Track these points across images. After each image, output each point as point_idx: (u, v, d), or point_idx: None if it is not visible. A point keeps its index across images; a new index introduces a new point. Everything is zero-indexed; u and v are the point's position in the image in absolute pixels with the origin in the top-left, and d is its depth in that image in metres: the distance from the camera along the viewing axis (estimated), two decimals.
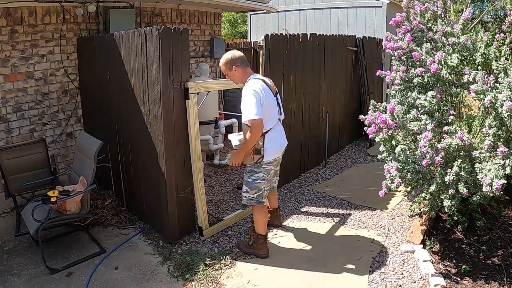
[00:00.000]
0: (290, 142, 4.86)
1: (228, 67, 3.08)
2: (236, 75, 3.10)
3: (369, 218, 3.91)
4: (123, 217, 3.93)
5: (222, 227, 3.71)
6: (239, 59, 3.08)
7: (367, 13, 8.20)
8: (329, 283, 2.92)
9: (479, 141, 3.25)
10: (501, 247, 3.12)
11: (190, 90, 3.30)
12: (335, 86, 5.94)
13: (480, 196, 2.77)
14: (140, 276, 3.02)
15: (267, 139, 3.06)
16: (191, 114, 3.33)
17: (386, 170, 3.11)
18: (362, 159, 5.92)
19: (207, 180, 4.86)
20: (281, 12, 9.17)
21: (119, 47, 3.62)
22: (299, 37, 4.83)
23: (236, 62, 3.07)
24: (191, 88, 3.31)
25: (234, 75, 3.11)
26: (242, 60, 3.09)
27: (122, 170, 4.03)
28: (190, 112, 3.32)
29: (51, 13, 4.31)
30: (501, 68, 3.04)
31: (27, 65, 4.20)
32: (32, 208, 3.05)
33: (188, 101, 3.30)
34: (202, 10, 6.14)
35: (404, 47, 3.27)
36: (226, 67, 3.10)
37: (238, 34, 20.24)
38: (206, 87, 3.60)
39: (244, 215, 3.90)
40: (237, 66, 3.07)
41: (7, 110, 4.10)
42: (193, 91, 3.32)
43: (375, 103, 3.29)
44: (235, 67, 3.07)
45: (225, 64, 3.09)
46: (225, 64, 3.09)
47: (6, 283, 2.91)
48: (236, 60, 3.07)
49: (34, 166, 3.70)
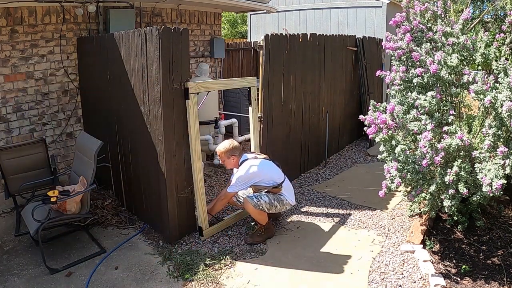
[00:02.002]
0: (290, 142, 4.90)
1: (227, 155, 3.48)
2: (232, 163, 3.51)
3: (369, 218, 3.91)
4: (123, 217, 3.93)
5: (222, 227, 3.71)
6: (238, 149, 3.51)
7: (367, 13, 8.20)
8: (329, 283, 2.93)
9: (479, 141, 3.25)
10: (501, 247, 3.12)
11: (190, 90, 3.30)
12: (335, 86, 5.94)
13: (480, 196, 2.77)
14: (140, 276, 3.02)
15: (284, 186, 3.51)
16: (191, 114, 3.33)
17: (386, 170, 3.11)
18: (362, 159, 5.92)
19: (207, 180, 4.86)
20: (281, 12, 9.17)
21: (119, 47, 3.62)
22: (299, 37, 4.83)
23: (235, 152, 3.49)
24: (191, 88, 3.31)
25: (230, 163, 3.52)
26: (240, 151, 3.53)
27: (122, 170, 4.03)
28: (190, 112, 3.32)
29: (51, 13, 4.31)
30: (501, 68, 3.04)
31: (27, 65, 4.20)
32: (32, 208, 3.05)
33: (188, 101, 3.31)
34: (202, 10, 6.14)
35: (404, 47, 3.26)
36: (225, 155, 3.48)
37: (238, 34, 20.23)
38: (206, 87, 3.60)
39: (244, 215, 3.90)
40: (235, 156, 3.49)
41: (7, 110, 4.10)
42: (193, 91, 3.32)
43: (375, 103, 3.29)
44: (233, 157, 3.48)
45: (224, 153, 3.47)
46: (225, 152, 3.47)
47: (6, 283, 2.91)
48: (235, 150, 3.49)
49: (34, 166, 3.70)
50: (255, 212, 3.39)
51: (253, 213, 3.43)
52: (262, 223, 3.49)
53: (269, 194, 3.43)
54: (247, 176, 3.38)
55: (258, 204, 3.36)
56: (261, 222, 3.49)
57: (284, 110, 4.65)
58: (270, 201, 3.39)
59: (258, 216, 3.44)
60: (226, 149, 3.48)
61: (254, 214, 3.44)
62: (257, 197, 3.37)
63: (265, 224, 3.49)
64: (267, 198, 3.39)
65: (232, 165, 3.53)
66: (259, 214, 3.42)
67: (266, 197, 3.39)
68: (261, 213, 3.43)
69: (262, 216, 3.44)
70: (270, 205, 3.40)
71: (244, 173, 3.38)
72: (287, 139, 4.79)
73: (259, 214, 3.42)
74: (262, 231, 3.50)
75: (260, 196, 3.38)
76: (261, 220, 3.47)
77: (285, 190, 3.50)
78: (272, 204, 3.40)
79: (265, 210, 3.41)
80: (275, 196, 3.44)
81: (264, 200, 3.38)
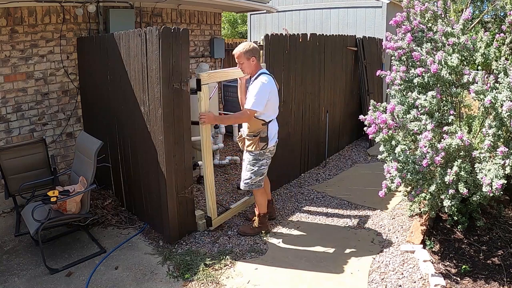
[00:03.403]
0: (290, 142, 4.90)
1: (248, 56, 3.20)
2: (252, 66, 3.24)
3: (369, 218, 3.91)
4: (123, 217, 3.93)
5: (229, 215, 3.83)
6: (258, 50, 3.24)
7: (367, 13, 8.19)
8: (329, 283, 2.92)
9: (479, 141, 3.25)
10: (501, 247, 3.12)
11: (202, 81, 3.31)
12: (335, 86, 5.94)
13: (480, 196, 2.77)
14: (140, 276, 3.02)
15: (270, 127, 3.35)
16: (202, 106, 3.35)
17: (386, 170, 3.11)
18: (362, 159, 5.92)
19: None
20: (281, 12, 9.16)
21: (119, 47, 3.62)
22: (299, 37, 4.83)
23: (256, 53, 3.23)
24: (203, 79, 3.32)
25: (249, 66, 3.24)
26: (259, 53, 3.27)
27: (122, 170, 4.03)
28: (202, 104, 3.35)
29: (51, 13, 4.31)
30: (501, 68, 3.04)
31: (27, 65, 4.20)
32: (32, 208, 3.05)
33: (200, 92, 3.32)
34: (202, 10, 6.14)
35: (404, 47, 3.26)
36: (245, 56, 3.20)
37: (238, 34, 20.22)
38: (218, 77, 3.67)
39: (251, 201, 4.05)
40: (256, 57, 3.23)
41: (7, 110, 4.10)
42: (204, 82, 3.33)
43: (375, 103, 3.29)
44: (254, 58, 3.22)
45: (245, 53, 3.19)
46: (245, 52, 3.18)
47: (6, 283, 2.91)
48: (256, 51, 3.23)
49: (34, 166, 3.70)
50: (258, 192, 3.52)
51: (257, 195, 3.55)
52: (261, 210, 3.55)
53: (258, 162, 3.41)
54: (270, 85, 3.18)
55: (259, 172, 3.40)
56: (261, 209, 3.55)
57: (284, 110, 4.65)
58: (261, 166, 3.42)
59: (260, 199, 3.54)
60: (245, 49, 3.18)
61: (257, 196, 3.55)
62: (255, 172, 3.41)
63: (262, 214, 3.55)
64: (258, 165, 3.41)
65: (251, 69, 3.26)
66: (260, 195, 3.54)
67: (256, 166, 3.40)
68: (262, 194, 3.54)
69: (262, 197, 3.55)
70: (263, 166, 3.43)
71: (267, 82, 3.16)
72: (287, 139, 4.79)
73: (258, 196, 3.54)
74: (256, 224, 3.56)
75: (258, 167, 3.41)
76: (262, 205, 3.55)
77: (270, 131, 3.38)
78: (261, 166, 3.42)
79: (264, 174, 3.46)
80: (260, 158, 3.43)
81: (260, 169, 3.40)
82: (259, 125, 3.29)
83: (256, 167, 3.40)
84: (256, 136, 3.30)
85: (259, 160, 3.40)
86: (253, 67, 3.25)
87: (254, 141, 3.31)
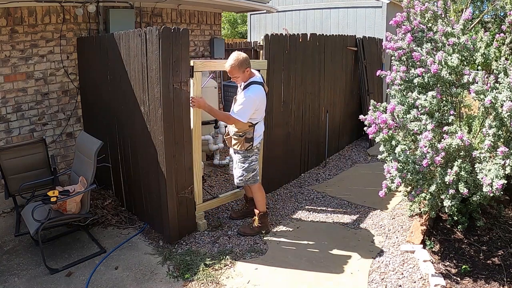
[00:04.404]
0: (290, 142, 4.89)
1: (242, 69, 3.22)
2: (246, 76, 3.29)
3: (369, 218, 3.91)
4: (123, 217, 3.93)
5: (216, 204, 3.86)
6: (248, 59, 3.25)
7: (367, 13, 8.19)
8: (329, 283, 2.92)
9: (479, 141, 3.25)
10: (501, 247, 3.12)
11: (195, 68, 3.34)
12: (335, 86, 5.94)
13: (480, 196, 2.77)
14: (140, 276, 3.02)
15: (257, 128, 3.43)
16: (194, 91, 3.38)
17: (386, 170, 3.11)
18: (362, 159, 5.92)
19: (207, 180, 4.86)
20: (281, 12, 9.16)
21: (119, 47, 3.62)
22: (299, 37, 4.83)
23: (248, 63, 3.25)
24: (196, 66, 3.35)
25: (244, 77, 3.28)
26: (249, 61, 3.28)
27: (122, 170, 4.03)
28: (194, 88, 3.38)
29: (51, 13, 4.31)
30: (501, 68, 3.04)
31: (27, 65, 4.20)
32: (32, 208, 3.05)
33: (192, 79, 3.35)
34: (202, 10, 6.14)
35: (404, 47, 3.26)
36: (240, 69, 3.20)
37: (238, 34, 20.22)
38: (211, 66, 3.75)
39: (241, 194, 4.08)
40: (249, 67, 3.26)
41: (7, 110, 4.10)
42: (198, 69, 3.37)
43: (375, 103, 3.29)
44: (247, 69, 3.25)
45: (239, 66, 3.19)
46: (239, 66, 3.19)
47: (6, 283, 2.91)
48: (247, 61, 3.24)
49: (34, 166, 3.70)
50: (256, 188, 3.56)
51: (255, 191, 3.57)
52: (260, 208, 3.56)
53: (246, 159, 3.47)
54: (258, 96, 3.25)
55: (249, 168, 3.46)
56: (260, 206, 3.56)
57: (284, 110, 4.65)
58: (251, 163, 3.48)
59: (258, 196, 3.57)
60: (238, 62, 3.17)
61: (255, 192, 3.58)
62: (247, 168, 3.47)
63: (262, 213, 3.56)
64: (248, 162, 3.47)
65: (245, 79, 3.30)
66: (259, 192, 3.57)
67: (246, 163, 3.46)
68: (261, 190, 3.59)
69: (261, 194, 3.58)
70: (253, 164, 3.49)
71: (255, 96, 3.23)
72: (287, 139, 4.79)
73: (257, 192, 3.57)
74: (256, 224, 3.56)
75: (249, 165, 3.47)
76: (260, 202, 3.57)
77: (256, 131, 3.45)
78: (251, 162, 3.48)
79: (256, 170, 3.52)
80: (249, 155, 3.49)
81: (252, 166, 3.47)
82: (246, 126, 3.36)
83: (246, 163, 3.47)
84: (242, 136, 3.38)
85: (248, 157, 3.48)
86: (247, 76, 3.30)
87: (240, 141, 3.40)
